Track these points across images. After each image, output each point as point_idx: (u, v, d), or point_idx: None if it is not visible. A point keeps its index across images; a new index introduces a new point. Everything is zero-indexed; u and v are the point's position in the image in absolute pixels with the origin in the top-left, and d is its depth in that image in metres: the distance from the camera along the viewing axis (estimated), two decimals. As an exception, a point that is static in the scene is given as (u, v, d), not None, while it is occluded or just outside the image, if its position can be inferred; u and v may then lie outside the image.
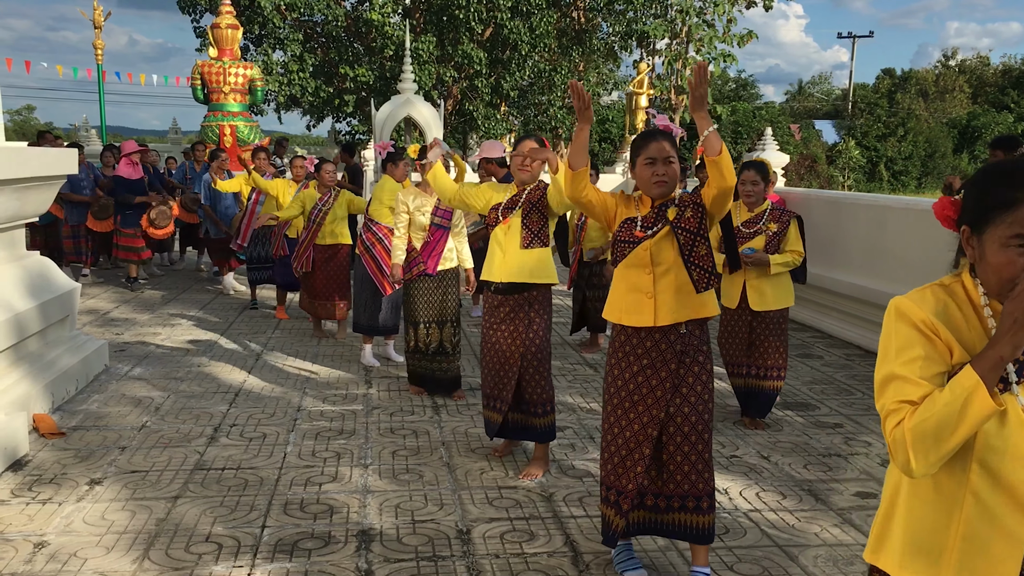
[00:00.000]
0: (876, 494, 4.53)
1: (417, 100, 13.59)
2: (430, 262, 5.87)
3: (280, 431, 5.37)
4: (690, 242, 3.31)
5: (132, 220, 10.41)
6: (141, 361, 7.07)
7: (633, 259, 3.36)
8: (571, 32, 23.90)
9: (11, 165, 5.37)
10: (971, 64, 59.96)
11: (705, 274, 3.31)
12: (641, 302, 3.33)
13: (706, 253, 3.32)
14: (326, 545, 3.79)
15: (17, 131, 57.40)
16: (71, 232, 10.90)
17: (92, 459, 4.81)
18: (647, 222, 3.37)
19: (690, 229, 3.31)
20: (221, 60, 16.47)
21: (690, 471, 3.34)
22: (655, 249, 3.32)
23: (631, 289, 3.37)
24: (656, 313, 3.31)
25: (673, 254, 3.31)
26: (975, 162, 42.81)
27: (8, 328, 5.29)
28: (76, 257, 11.05)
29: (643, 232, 3.35)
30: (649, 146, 3.30)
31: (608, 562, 3.68)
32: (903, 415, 1.65)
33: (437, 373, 6.10)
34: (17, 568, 3.53)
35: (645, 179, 3.33)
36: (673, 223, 3.32)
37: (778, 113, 43.61)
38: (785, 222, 5.48)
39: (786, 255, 5.42)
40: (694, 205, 3.33)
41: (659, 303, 3.31)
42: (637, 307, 3.34)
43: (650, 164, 3.30)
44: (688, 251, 3.30)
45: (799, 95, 62.55)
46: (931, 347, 1.69)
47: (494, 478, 4.64)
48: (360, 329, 7.06)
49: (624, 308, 3.38)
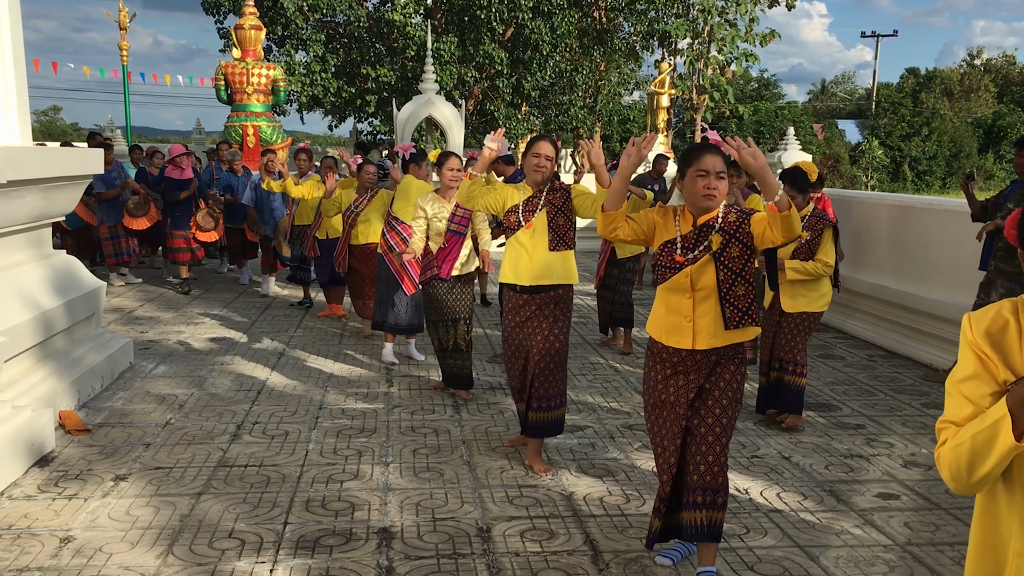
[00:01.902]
0: (898, 495, 4.51)
1: (438, 100, 13.63)
2: (444, 267, 5.84)
3: (302, 429, 5.41)
4: (730, 279, 3.28)
5: (182, 222, 10.40)
6: (165, 359, 7.14)
7: (673, 284, 3.34)
8: (592, 32, 23.89)
9: (38, 165, 5.44)
10: (997, 63, 59.34)
11: (738, 313, 3.30)
12: (680, 325, 3.34)
13: (744, 294, 3.30)
14: (347, 542, 3.82)
15: (43, 131, 58.07)
16: (109, 233, 10.79)
17: (117, 455, 4.87)
18: (688, 243, 3.32)
19: (733, 268, 3.28)
20: (244, 61, 16.59)
21: (708, 467, 3.36)
22: (696, 275, 3.29)
23: (671, 311, 3.37)
24: (695, 337, 3.32)
25: (713, 283, 3.29)
26: (1000, 162, 42.33)
27: (35, 326, 5.37)
28: (118, 259, 10.93)
29: (684, 256, 3.31)
30: (702, 158, 3.22)
31: (628, 561, 3.69)
32: (947, 435, 1.66)
33: (452, 369, 6.12)
34: (44, 562, 3.58)
35: (695, 192, 3.25)
36: (716, 254, 3.28)
37: (801, 113, 43.35)
38: (819, 230, 5.37)
39: (809, 264, 5.34)
40: (743, 245, 3.28)
41: (698, 328, 3.31)
42: (676, 329, 3.35)
43: (702, 177, 3.22)
44: (726, 287, 3.29)
45: (822, 95, 62.17)
46: (981, 367, 1.66)
47: (514, 476, 4.65)
48: (380, 327, 7.08)
49: (665, 328, 3.40)
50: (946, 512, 4.30)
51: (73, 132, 63.43)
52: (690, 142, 26.12)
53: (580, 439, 5.28)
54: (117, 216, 10.72)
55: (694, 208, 3.33)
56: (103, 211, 10.72)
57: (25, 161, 5.23)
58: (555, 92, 23.64)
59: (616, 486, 4.54)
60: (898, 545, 3.92)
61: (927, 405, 6.21)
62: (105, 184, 10.54)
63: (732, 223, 3.30)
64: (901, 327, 7.95)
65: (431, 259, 5.92)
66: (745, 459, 4.99)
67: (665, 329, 3.39)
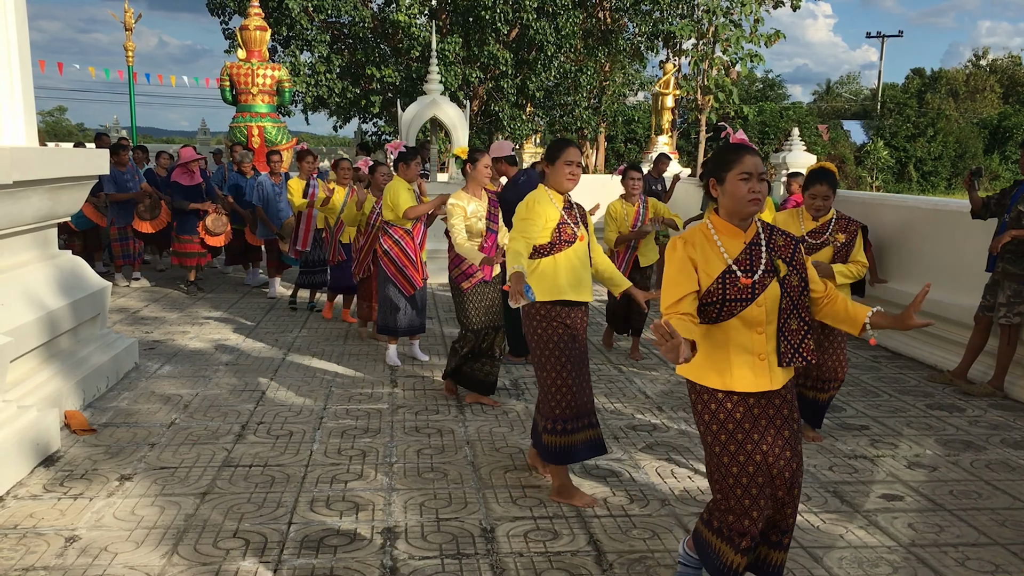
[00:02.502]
0: (902, 496, 4.51)
1: (443, 101, 13.62)
2: (486, 268, 5.72)
3: (306, 429, 5.42)
4: (788, 310, 2.97)
5: (190, 226, 10.32)
6: (170, 359, 7.16)
7: (746, 318, 2.94)
8: (597, 32, 23.87)
9: (43, 166, 5.46)
10: (1002, 63, 59.21)
11: (791, 349, 2.96)
12: (754, 364, 2.95)
13: (797, 328, 2.96)
14: (351, 542, 3.83)
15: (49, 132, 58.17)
16: (119, 234, 10.75)
17: (122, 455, 4.88)
18: (743, 265, 2.96)
19: (793, 298, 2.98)
20: (249, 61, 16.61)
21: (795, 509, 3.10)
22: (769, 307, 2.94)
23: (741, 351, 2.95)
24: (771, 376, 2.96)
25: (777, 308, 2.96)
26: (1006, 162, 42.26)
27: (41, 326, 5.38)
28: (126, 260, 10.91)
29: (748, 278, 2.94)
30: (744, 160, 2.92)
31: (632, 561, 3.69)
32: None
33: (478, 374, 5.98)
34: (49, 562, 3.59)
35: (739, 196, 2.91)
36: (783, 281, 2.97)
37: (806, 113, 43.29)
38: (853, 232, 5.17)
39: (851, 266, 5.11)
40: (800, 277, 3.00)
41: (772, 364, 2.96)
42: (750, 370, 2.94)
43: (745, 180, 2.91)
44: (784, 320, 2.96)
45: (827, 95, 62.07)
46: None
47: (518, 477, 4.66)
48: (384, 330, 7.01)
49: (734, 373, 2.95)
50: (950, 513, 4.29)
51: (79, 133, 63.59)
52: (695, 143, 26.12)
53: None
54: (128, 218, 10.65)
55: (736, 216, 2.97)
56: (114, 211, 10.65)
57: (30, 161, 5.25)
58: (560, 93, 23.63)
59: (620, 487, 4.54)
60: (902, 546, 3.92)
61: (931, 406, 6.21)
62: (117, 186, 10.47)
63: (783, 248, 3.01)
64: (906, 328, 7.92)
65: (470, 263, 5.71)
66: (749, 460, 4.99)
67: (735, 374, 2.95)
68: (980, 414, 6.05)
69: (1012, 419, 5.95)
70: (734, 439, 2.97)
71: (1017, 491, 4.62)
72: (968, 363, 6.75)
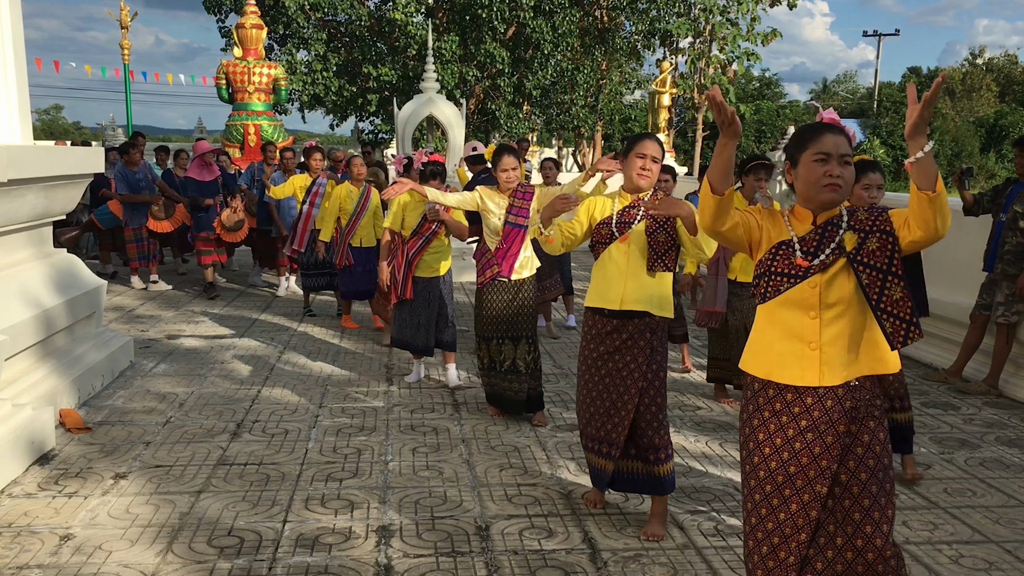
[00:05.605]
0: (896, 494, 4.51)
1: (439, 99, 13.62)
2: (505, 265, 5.36)
3: (302, 427, 5.42)
4: (878, 282, 2.51)
5: (206, 223, 10.07)
6: (166, 357, 7.15)
7: (794, 298, 2.58)
8: (594, 31, 23.89)
9: (39, 164, 5.46)
10: (999, 62, 59.28)
11: (903, 325, 2.50)
12: (802, 354, 2.57)
13: (901, 297, 2.50)
14: (346, 540, 3.83)
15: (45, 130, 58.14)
16: (133, 236, 10.45)
17: (117, 453, 4.88)
18: (808, 246, 2.59)
19: (878, 266, 2.51)
20: (246, 60, 16.62)
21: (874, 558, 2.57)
22: (826, 287, 2.55)
23: (787, 336, 2.60)
24: (822, 369, 2.56)
25: (850, 294, 2.55)
26: (1002, 161, 42.31)
27: (36, 324, 5.38)
28: (142, 262, 10.56)
29: (808, 260, 2.57)
30: (822, 139, 2.54)
31: (626, 559, 3.69)
32: None
33: (508, 393, 5.54)
34: (43, 560, 3.59)
35: (812, 181, 2.54)
36: (852, 256, 2.54)
37: (803, 112, 43.33)
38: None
39: None
40: (882, 232, 2.52)
41: (826, 356, 2.55)
42: (796, 360, 2.58)
43: (822, 162, 2.53)
44: (878, 294, 2.51)
45: (824, 94, 62.14)
46: None
47: (513, 475, 4.66)
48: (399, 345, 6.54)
49: (776, 360, 2.61)
50: (944, 511, 4.30)
51: (75, 131, 63.48)
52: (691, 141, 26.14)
53: (580, 437, 5.28)
54: (142, 218, 10.37)
55: (811, 203, 2.60)
56: (127, 212, 10.38)
57: (26, 160, 5.24)
58: (557, 91, 23.64)
59: (615, 485, 4.54)
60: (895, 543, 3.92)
61: (926, 404, 6.22)
62: (129, 185, 10.29)
63: (864, 220, 2.57)
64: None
65: (489, 258, 5.45)
66: (744, 458, 4.99)
67: (777, 362, 2.60)
68: (975, 412, 6.06)
69: (1007, 417, 5.96)
70: (754, 437, 2.65)
71: (1011, 489, 4.63)
72: (963, 361, 6.76)
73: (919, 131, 2.32)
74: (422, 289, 6.25)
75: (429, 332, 6.31)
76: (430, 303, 6.26)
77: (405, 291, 6.20)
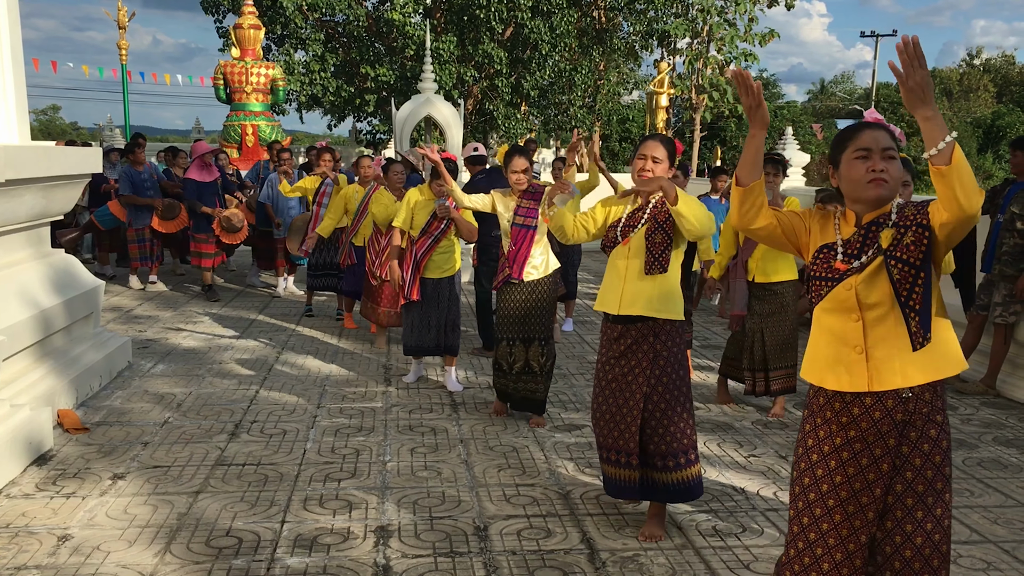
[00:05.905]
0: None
1: (437, 100, 13.61)
2: (515, 267, 5.34)
3: (300, 428, 5.42)
4: (908, 278, 2.41)
5: (204, 225, 9.93)
6: (164, 358, 7.15)
7: (834, 301, 2.51)
8: (592, 31, 23.89)
9: (37, 164, 5.45)
10: (996, 63, 59.41)
11: (928, 324, 2.42)
12: (848, 359, 2.47)
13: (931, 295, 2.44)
14: (345, 540, 3.83)
15: (42, 130, 58.08)
16: (136, 236, 10.36)
17: (115, 454, 4.88)
18: (851, 248, 2.51)
19: (909, 261, 2.40)
20: (243, 60, 16.61)
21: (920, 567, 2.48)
22: (863, 288, 2.46)
23: (834, 341, 2.52)
24: (870, 374, 2.44)
25: (891, 293, 2.45)
26: (999, 162, 42.37)
27: (34, 324, 5.38)
28: (143, 263, 10.48)
29: (846, 264, 2.49)
30: (860, 135, 2.46)
31: (624, 559, 3.70)
32: None
33: (522, 392, 5.52)
34: (41, 561, 3.59)
35: (856, 179, 2.46)
36: (887, 252, 2.43)
37: (800, 112, 43.38)
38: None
39: None
40: (917, 226, 2.41)
41: (874, 360, 2.44)
42: (843, 365, 2.48)
43: (863, 158, 2.44)
44: (906, 291, 2.41)
45: (822, 94, 62.15)
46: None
47: (511, 475, 4.66)
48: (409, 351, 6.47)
49: (825, 367, 2.53)
50: (942, 511, 4.31)
51: (72, 131, 63.44)
52: (689, 142, 26.16)
53: (577, 437, 5.29)
54: (145, 219, 10.28)
55: (858, 203, 2.52)
56: (131, 213, 10.30)
57: (24, 160, 5.24)
58: (554, 92, 23.63)
59: (613, 485, 4.54)
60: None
61: (924, 405, 6.21)
62: (133, 186, 10.21)
63: (908, 216, 2.46)
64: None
65: (502, 261, 5.45)
66: (742, 458, 5.00)
67: (826, 366, 2.52)
68: (972, 412, 6.07)
69: (1004, 417, 5.97)
70: (804, 442, 2.58)
71: (1009, 489, 4.64)
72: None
73: (917, 98, 2.22)
74: (431, 290, 6.20)
75: (439, 332, 6.27)
76: (439, 303, 6.23)
77: (412, 293, 6.16)
